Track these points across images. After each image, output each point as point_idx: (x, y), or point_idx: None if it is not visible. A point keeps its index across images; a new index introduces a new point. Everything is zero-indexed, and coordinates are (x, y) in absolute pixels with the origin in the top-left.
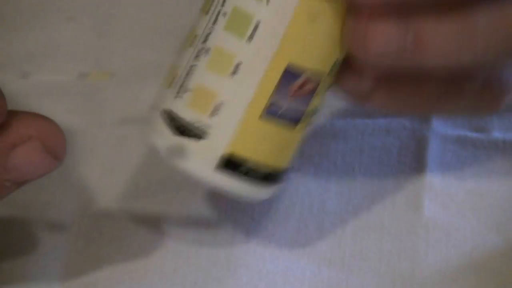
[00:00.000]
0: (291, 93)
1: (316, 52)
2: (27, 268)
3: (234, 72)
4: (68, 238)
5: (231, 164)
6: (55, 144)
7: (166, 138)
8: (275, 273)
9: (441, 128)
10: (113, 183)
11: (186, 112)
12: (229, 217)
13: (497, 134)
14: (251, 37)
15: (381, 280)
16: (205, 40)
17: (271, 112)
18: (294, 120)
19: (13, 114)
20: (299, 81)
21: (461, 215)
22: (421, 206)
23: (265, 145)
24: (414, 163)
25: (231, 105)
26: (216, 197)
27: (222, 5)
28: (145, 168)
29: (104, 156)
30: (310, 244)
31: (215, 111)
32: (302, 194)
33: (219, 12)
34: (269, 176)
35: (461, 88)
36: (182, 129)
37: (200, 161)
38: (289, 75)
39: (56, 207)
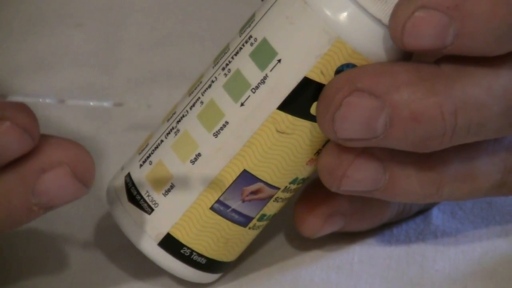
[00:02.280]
0: (243, 196)
1: (274, 167)
2: (51, 281)
3: (193, 161)
4: (88, 250)
5: (171, 245)
6: (84, 170)
7: (120, 201)
8: (284, 282)
9: None
10: None
11: (143, 184)
12: None
13: None
14: (217, 133)
15: (390, 285)
16: (179, 121)
17: (220, 207)
18: (242, 221)
19: (44, 138)
20: (253, 188)
21: (469, 221)
22: (430, 214)
23: (209, 236)
24: None
25: (183, 190)
26: None
27: (203, 93)
28: None
29: (113, 162)
30: (319, 250)
31: (167, 191)
32: None
33: (198, 99)
34: (209, 265)
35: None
36: (135, 198)
37: (143, 234)
38: (244, 179)
39: (69, 215)
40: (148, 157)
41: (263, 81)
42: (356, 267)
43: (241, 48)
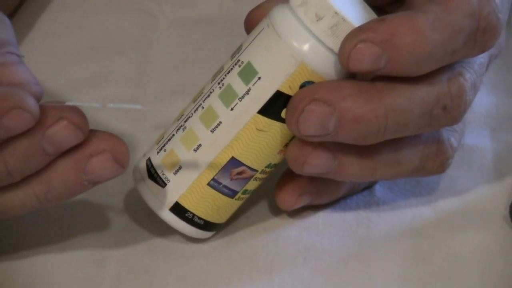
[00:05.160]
0: (231, 176)
1: (254, 155)
2: (98, 237)
3: (195, 150)
4: (125, 215)
5: (179, 210)
6: (121, 155)
7: (143, 178)
8: (268, 239)
9: None
10: None
11: (159, 166)
12: None
13: None
14: (213, 130)
15: (344, 241)
16: (186, 120)
17: (215, 183)
18: (230, 194)
19: (92, 132)
20: (238, 170)
21: (403, 194)
22: (373, 189)
23: (206, 204)
24: None
25: (188, 171)
26: None
27: (204, 100)
28: None
29: (143, 152)
30: (293, 216)
31: (176, 171)
32: None
33: (200, 105)
34: (205, 225)
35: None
36: (154, 176)
37: (159, 202)
38: (232, 163)
39: (112, 190)
40: (163, 146)
41: (247, 92)
42: (321, 227)
43: (231, 69)
